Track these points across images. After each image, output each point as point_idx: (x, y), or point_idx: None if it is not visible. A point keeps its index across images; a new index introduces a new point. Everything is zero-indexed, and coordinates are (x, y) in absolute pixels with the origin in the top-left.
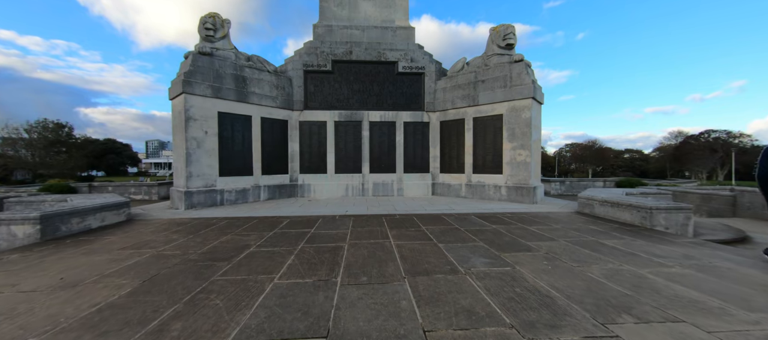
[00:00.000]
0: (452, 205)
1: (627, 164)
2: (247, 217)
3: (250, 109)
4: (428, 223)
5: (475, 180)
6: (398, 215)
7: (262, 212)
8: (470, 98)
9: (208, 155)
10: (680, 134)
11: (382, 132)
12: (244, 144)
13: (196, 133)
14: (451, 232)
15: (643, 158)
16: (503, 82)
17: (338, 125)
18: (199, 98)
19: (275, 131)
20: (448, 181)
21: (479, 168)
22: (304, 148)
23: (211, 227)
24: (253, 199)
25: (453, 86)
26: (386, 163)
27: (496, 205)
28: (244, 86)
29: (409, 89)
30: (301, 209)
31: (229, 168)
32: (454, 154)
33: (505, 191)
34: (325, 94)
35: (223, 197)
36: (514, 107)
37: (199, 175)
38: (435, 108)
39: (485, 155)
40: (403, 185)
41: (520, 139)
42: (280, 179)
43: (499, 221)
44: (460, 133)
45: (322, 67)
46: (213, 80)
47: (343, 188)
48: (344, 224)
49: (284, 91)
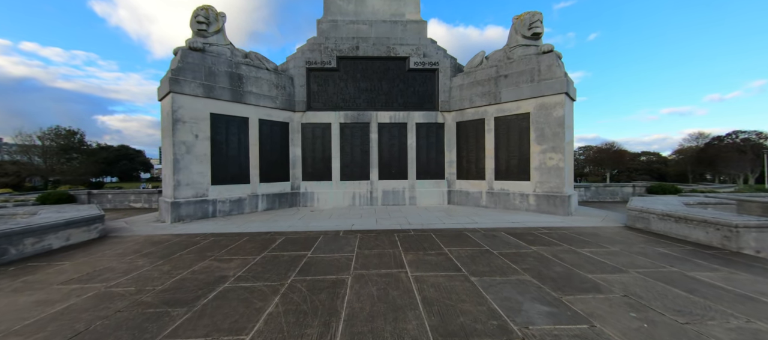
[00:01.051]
0: (474, 216)
1: (644, 167)
2: (236, 233)
3: (247, 111)
4: (451, 242)
5: (498, 187)
6: (413, 231)
7: (256, 225)
8: (491, 96)
9: (198, 161)
10: (701, 136)
11: (392, 135)
12: (239, 149)
13: (184, 137)
14: (482, 257)
15: (661, 161)
16: (530, 76)
17: (344, 128)
18: (188, 98)
19: (275, 135)
20: (466, 188)
21: (502, 174)
22: (306, 153)
23: (190, 248)
24: (250, 209)
25: (471, 83)
26: (397, 169)
27: (524, 216)
28: (241, 85)
29: (422, 87)
30: (301, 221)
31: (223, 175)
32: (472, 159)
33: (534, 200)
34: (329, 93)
35: (216, 207)
36: (543, 104)
37: (189, 183)
38: (450, 107)
39: (509, 159)
40: (415, 193)
41: (551, 140)
42: (281, 187)
43: (537, 240)
44: (479, 134)
45: (327, 64)
46: (205, 78)
47: (349, 196)
48: (349, 244)
49: (285, 91)
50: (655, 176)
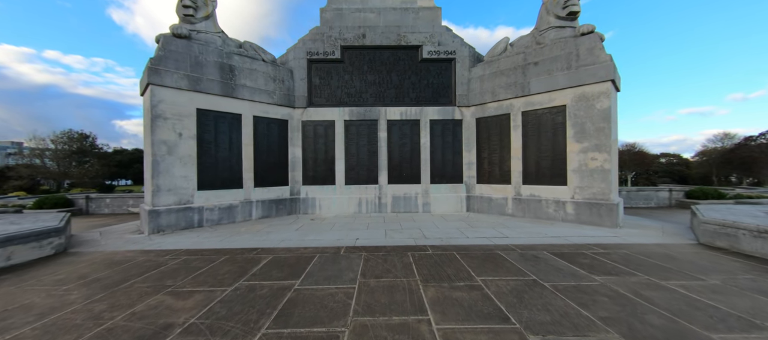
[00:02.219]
0: (501, 228)
1: (664, 169)
2: (216, 250)
3: (240, 106)
4: (482, 266)
5: (527, 193)
6: (431, 249)
7: (243, 239)
8: (517, 87)
9: (182, 164)
10: (727, 137)
11: (403, 133)
12: (231, 149)
13: (166, 136)
14: (531, 293)
15: (682, 163)
16: (566, 62)
17: (349, 125)
18: (170, 91)
19: (272, 133)
20: (488, 193)
21: (532, 177)
22: (307, 154)
23: (151, 272)
24: (243, 217)
25: (493, 73)
26: (409, 171)
27: (562, 228)
28: (232, 78)
29: (437, 80)
30: (297, 234)
31: (212, 180)
32: (495, 160)
33: (572, 209)
34: (333, 87)
35: (203, 216)
36: (583, 95)
37: (170, 189)
38: (469, 102)
39: (540, 161)
40: (429, 199)
41: (593, 137)
42: (278, 192)
43: (597, 265)
44: (503, 131)
45: (330, 55)
46: (190, 69)
47: (355, 202)
48: (350, 268)
49: (283, 85)
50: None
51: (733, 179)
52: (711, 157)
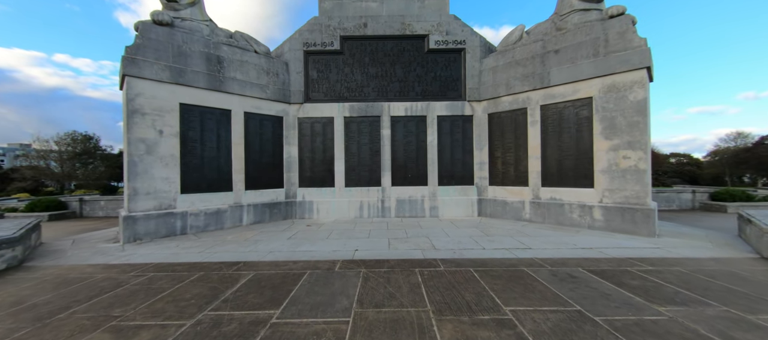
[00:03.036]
0: (521, 236)
1: (674, 170)
2: (191, 264)
3: (230, 101)
4: (508, 290)
5: (547, 196)
6: (442, 264)
7: (225, 250)
8: (536, 78)
9: (163, 164)
10: (740, 136)
11: (408, 130)
12: (219, 148)
13: (144, 133)
14: (584, 334)
15: (693, 163)
16: (593, 48)
17: (349, 122)
18: (150, 84)
19: (265, 131)
20: (502, 196)
21: (552, 178)
22: (304, 154)
23: (105, 295)
24: (232, 223)
25: (507, 64)
26: (414, 172)
27: (592, 237)
28: (221, 70)
29: (445, 72)
30: (289, 243)
31: (197, 182)
32: (510, 159)
33: (601, 214)
34: (331, 81)
35: (186, 222)
36: (613, 85)
37: (149, 193)
38: (481, 96)
39: (562, 160)
40: (437, 203)
41: (625, 133)
42: (272, 195)
43: (653, 289)
44: (519, 128)
45: (328, 46)
46: (173, 60)
47: (355, 206)
48: (345, 292)
49: (278, 79)
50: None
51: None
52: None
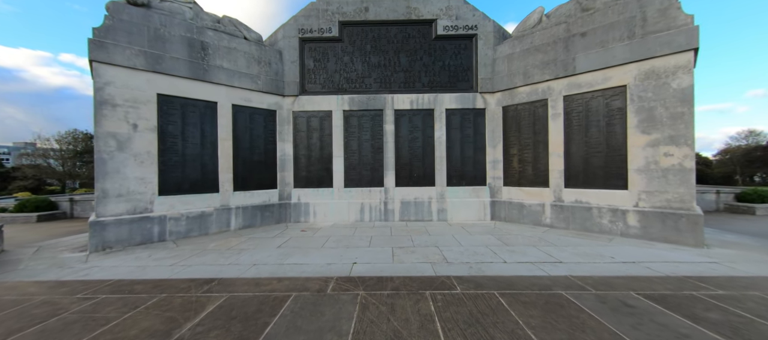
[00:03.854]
0: (546, 246)
1: None
2: (156, 282)
3: (216, 92)
4: (553, 330)
5: (570, 199)
6: (458, 284)
7: (202, 262)
8: (558, 65)
9: (137, 163)
10: (752, 134)
11: (414, 125)
12: (204, 145)
13: (115, 127)
14: None
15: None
16: (627, 29)
17: (349, 116)
18: (121, 71)
19: (256, 126)
20: (518, 198)
21: (577, 178)
22: (299, 151)
23: (27, 331)
24: (218, 228)
25: (525, 51)
26: (420, 171)
27: (629, 247)
28: (205, 57)
29: (454, 61)
30: (277, 253)
31: (178, 182)
32: (527, 157)
33: (636, 220)
34: (329, 71)
35: (165, 227)
36: (652, 71)
37: (122, 194)
38: (494, 87)
39: (589, 157)
40: (446, 205)
41: (667, 126)
42: (264, 197)
43: (747, 330)
44: (538, 121)
45: (326, 33)
46: (149, 44)
47: (355, 209)
48: (336, 329)
49: (270, 69)
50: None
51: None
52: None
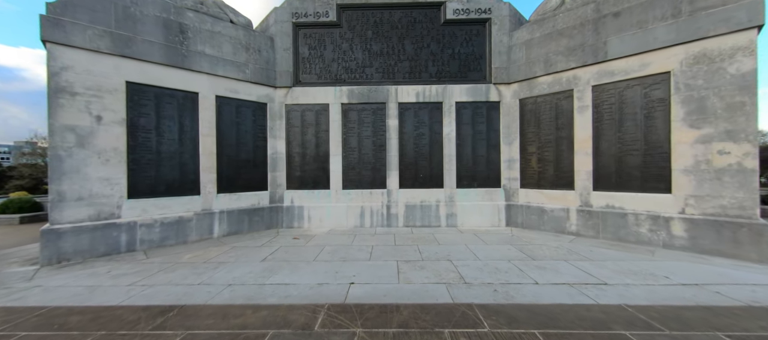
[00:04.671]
0: (579, 260)
1: None
2: (103, 310)
3: (197, 82)
4: None
5: (601, 203)
6: (485, 318)
7: (168, 281)
8: (586, 51)
9: (102, 161)
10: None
11: (420, 120)
12: (182, 141)
13: (74, 119)
14: None
15: None
16: (671, 6)
17: (348, 110)
18: (82, 55)
19: (244, 120)
20: (538, 202)
21: (609, 180)
22: (293, 149)
23: None
24: (199, 235)
25: (546, 36)
26: (427, 171)
27: (678, 262)
28: (184, 41)
29: (465, 48)
30: (260, 269)
31: (151, 183)
32: (548, 156)
33: (683, 229)
34: (326, 60)
35: (136, 235)
36: (703, 54)
37: (82, 197)
38: (510, 77)
39: (623, 155)
40: (455, 209)
41: (722, 119)
42: (253, 200)
43: None
44: (562, 115)
45: (322, 17)
46: (116, 24)
47: (355, 213)
48: None
49: (260, 56)
50: None
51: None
52: None
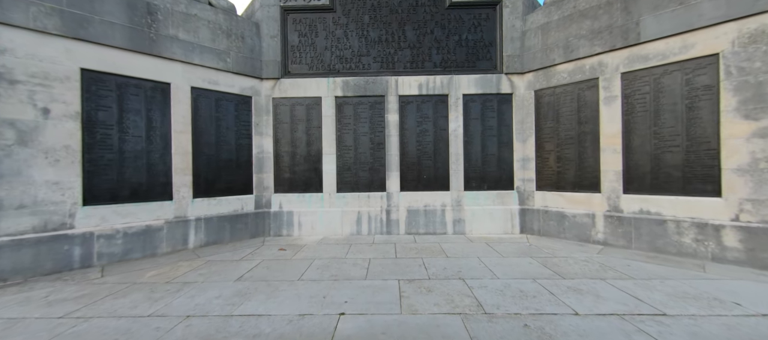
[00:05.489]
0: (618, 279)
1: None
2: None
3: (168, 70)
4: None
5: (633, 208)
6: None
7: (110, 313)
8: (615, 33)
9: (49, 161)
10: None
11: (423, 114)
12: (151, 138)
13: (14, 112)
14: None
15: None
16: None
17: (343, 104)
18: (25, 36)
19: (225, 115)
20: (557, 206)
21: (642, 181)
22: (281, 147)
23: None
24: (171, 246)
25: (566, 18)
26: (431, 172)
27: (736, 280)
28: (153, 24)
29: (473, 35)
30: (229, 295)
31: (113, 187)
32: (569, 153)
33: (737, 239)
34: (318, 49)
35: (92, 249)
36: (761, 32)
37: (25, 205)
38: (524, 66)
39: (660, 152)
40: (463, 214)
41: None
42: (236, 205)
43: None
44: (585, 107)
45: (313, 1)
46: (67, 1)
47: (351, 219)
48: None
49: (244, 44)
50: None
51: None
52: None
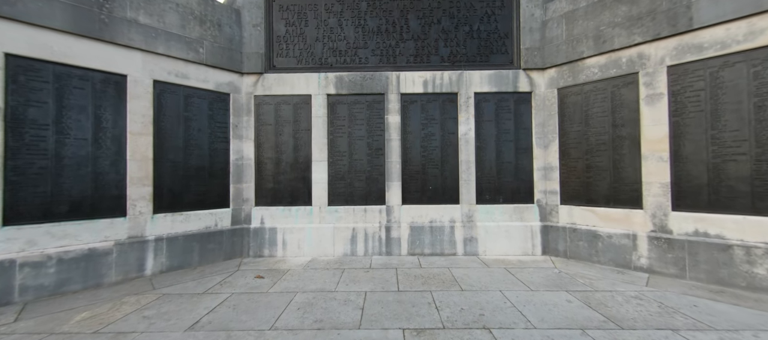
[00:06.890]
0: (689, 330)
1: None
2: None
3: (124, 60)
4: None
5: (686, 228)
6: None
7: None
8: (658, 19)
9: None
10: None
11: (429, 116)
12: (99, 141)
13: None
14: None
15: None
16: None
17: (336, 103)
18: None
19: (197, 115)
20: (587, 223)
21: (698, 197)
22: (264, 153)
23: None
24: (123, 274)
25: (594, 4)
26: (439, 182)
27: None
28: (105, 4)
29: (486, 25)
30: None
31: (46, 202)
32: (602, 162)
33: None
34: (308, 40)
35: (14, 281)
36: None
37: None
38: (545, 61)
39: (719, 162)
40: (476, 232)
41: None
42: (207, 221)
43: None
44: (621, 107)
45: None
46: None
47: (344, 237)
48: None
49: (221, 33)
50: None
51: None
52: None
